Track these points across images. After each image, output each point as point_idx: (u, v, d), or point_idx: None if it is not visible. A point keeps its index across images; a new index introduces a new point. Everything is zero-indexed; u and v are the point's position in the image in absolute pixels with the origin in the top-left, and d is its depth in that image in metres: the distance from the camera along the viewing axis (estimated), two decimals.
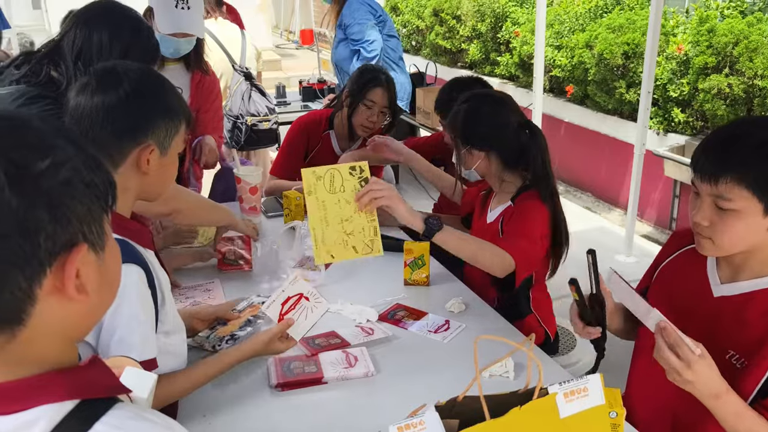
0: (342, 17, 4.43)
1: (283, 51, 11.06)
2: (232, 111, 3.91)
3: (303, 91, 5.24)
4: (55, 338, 0.77)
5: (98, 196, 0.76)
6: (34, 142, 0.72)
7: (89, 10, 2.01)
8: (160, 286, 1.41)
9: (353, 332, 1.89)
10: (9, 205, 0.67)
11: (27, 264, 0.70)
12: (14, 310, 0.72)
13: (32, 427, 0.72)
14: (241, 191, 2.62)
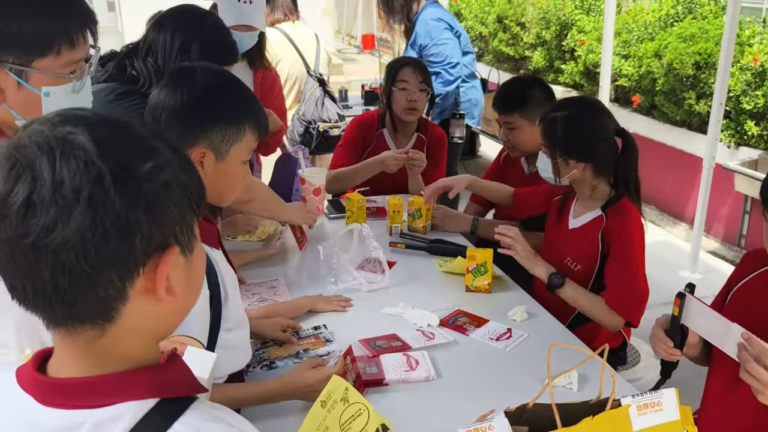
0: (416, 37, 4.13)
1: (344, 55, 11.16)
2: (305, 116, 3.94)
3: (365, 95, 5.28)
4: (142, 336, 0.79)
5: (191, 199, 0.78)
6: (137, 144, 0.74)
7: (164, 13, 2.14)
8: (224, 284, 1.44)
9: (414, 336, 1.89)
10: (113, 205, 0.69)
11: (123, 264, 0.72)
12: (106, 308, 0.74)
13: (117, 422, 0.74)
14: (305, 192, 2.65)
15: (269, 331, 1.86)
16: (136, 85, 2.01)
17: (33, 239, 0.69)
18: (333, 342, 1.88)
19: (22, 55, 1.15)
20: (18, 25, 1.13)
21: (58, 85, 1.20)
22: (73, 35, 1.19)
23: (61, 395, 0.76)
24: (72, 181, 0.68)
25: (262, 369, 1.76)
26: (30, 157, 0.70)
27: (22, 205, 0.69)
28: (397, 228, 2.60)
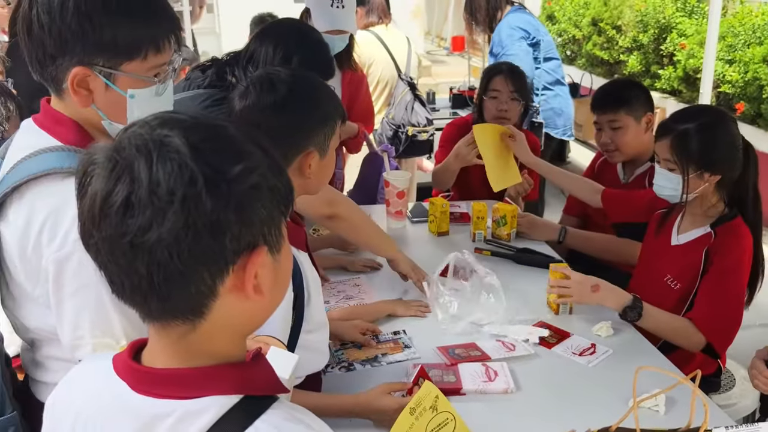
0: (492, 44, 4.10)
1: (433, 57, 11.14)
2: (395, 120, 3.96)
3: (453, 98, 5.24)
4: (229, 332, 0.82)
5: (279, 201, 0.79)
6: (229, 147, 0.77)
7: (269, 25, 2.24)
8: (308, 287, 1.46)
9: (494, 346, 1.86)
10: (204, 206, 0.72)
11: (213, 262, 0.74)
12: (198, 304, 0.77)
13: (202, 415, 0.77)
14: (389, 195, 2.66)
15: (349, 333, 1.88)
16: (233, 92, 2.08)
17: (131, 238, 0.72)
18: (411, 348, 1.87)
19: (111, 58, 1.19)
20: (111, 32, 1.17)
21: (143, 88, 1.23)
22: (159, 41, 1.23)
23: (153, 384, 0.79)
24: (167, 182, 0.71)
25: (340, 370, 1.77)
26: (129, 158, 0.73)
27: (121, 205, 0.72)
28: (480, 234, 2.57)
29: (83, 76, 1.18)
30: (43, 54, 1.18)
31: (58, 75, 1.19)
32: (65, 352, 1.22)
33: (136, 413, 0.79)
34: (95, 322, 1.16)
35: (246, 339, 0.86)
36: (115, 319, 1.17)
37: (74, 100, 1.20)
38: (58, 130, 1.22)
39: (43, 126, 1.23)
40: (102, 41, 1.16)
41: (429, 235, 2.65)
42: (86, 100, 1.20)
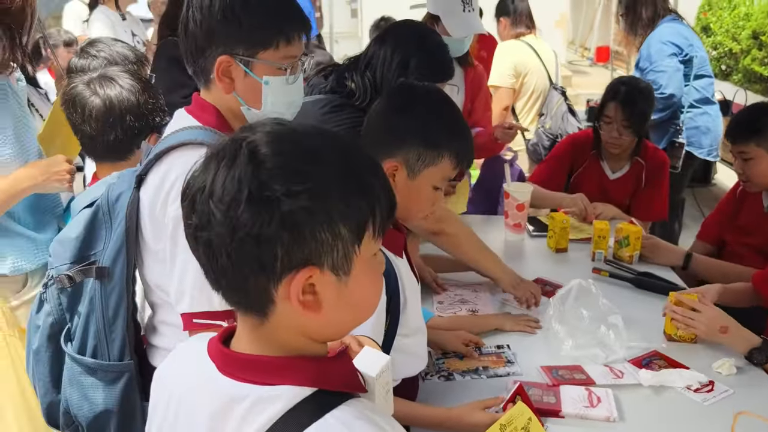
0: (639, 57, 3.84)
1: (575, 67, 10.81)
2: (552, 130, 3.89)
3: (589, 110, 5.07)
4: (296, 334, 0.84)
5: (347, 225, 0.79)
6: (293, 165, 0.79)
7: (387, 28, 2.23)
8: (404, 291, 1.48)
9: (601, 371, 1.78)
10: (243, 217, 0.76)
11: (261, 271, 0.78)
12: (259, 302, 0.81)
13: (274, 403, 0.80)
14: (508, 207, 2.62)
15: (451, 342, 1.88)
16: (353, 98, 2.10)
17: (192, 231, 0.80)
18: (514, 364, 1.84)
19: (249, 48, 1.37)
20: (249, 24, 1.35)
21: (276, 76, 1.40)
22: (289, 33, 1.39)
23: (235, 367, 0.84)
24: (223, 188, 0.77)
25: (439, 379, 1.77)
26: (210, 158, 0.80)
27: (191, 199, 0.80)
28: (600, 254, 2.47)
29: (227, 64, 1.37)
30: (195, 47, 1.38)
31: (207, 66, 1.38)
32: (174, 318, 1.35)
33: (218, 393, 0.84)
34: (196, 279, 1.28)
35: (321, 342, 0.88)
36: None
37: (219, 88, 1.39)
38: (202, 115, 1.41)
39: (191, 112, 1.43)
40: (241, 32, 1.35)
41: (547, 251, 2.59)
42: (229, 87, 1.38)
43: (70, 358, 1.45)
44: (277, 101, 1.41)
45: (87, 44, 2.37)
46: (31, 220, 1.86)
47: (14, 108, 1.82)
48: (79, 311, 1.43)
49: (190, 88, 2.41)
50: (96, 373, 1.43)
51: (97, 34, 4.12)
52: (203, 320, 1.27)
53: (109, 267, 1.40)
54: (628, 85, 2.82)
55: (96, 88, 1.77)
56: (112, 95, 1.76)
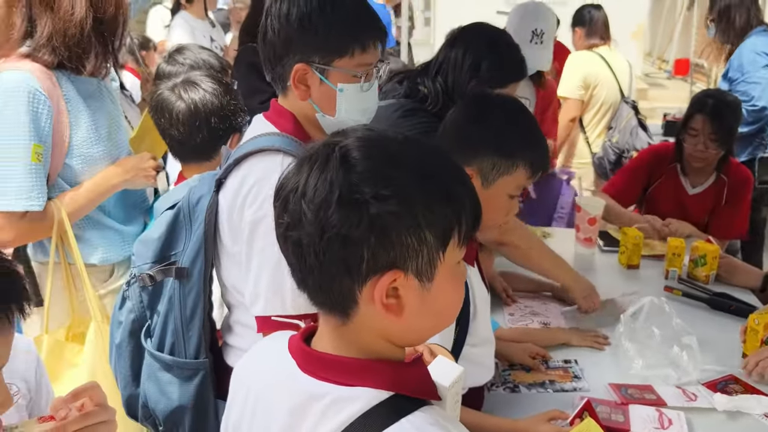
0: (729, 67, 3.66)
1: (651, 80, 10.53)
2: (619, 144, 3.82)
3: (666, 125, 4.93)
4: (376, 337, 0.86)
5: (432, 231, 0.81)
6: (381, 170, 0.81)
7: (457, 31, 2.20)
8: (474, 301, 1.49)
9: (673, 393, 1.74)
10: (333, 219, 0.79)
11: (347, 272, 0.81)
12: (343, 303, 0.83)
13: (352, 403, 0.82)
14: (579, 220, 2.58)
15: (518, 355, 1.87)
16: (425, 103, 2.11)
17: (283, 230, 0.83)
18: (581, 379, 1.81)
19: (325, 56, 1.39)
20: (325, 33, 1.38)
21: (350, 83, 1.42)
22: (365, 42, 1.41)
23: (316, 366, 0.87)
24: (315, 190, 0.80)
25: (505, 390, 1.77)
26: (303, 161, 0.84)
27: (283, 199, 0.83)
28: (674, 272, 2.40)
29: (303, 72, 1.39)
30: (273, 55, 1.42)
31: (284, 73, 1.41)
32: (249, 319, 1.39)
33: (297, 390, 0.87)
34: (270, 282, 1.33)
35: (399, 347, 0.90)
36: (287, 285, 1.31)
37: (295, 95, 1.42)
38: (279, 121, 1.45)
39: (269, 118, 1.47)
40: (317, 41, 1.38)
41: (618, 267, 2.54)
42: (305, 94, 1.42)
43: (149, 354, 1.52)
44: (351, 108, 1.43)
45: (174, 51, 2.48)
46: (119, 214, 1.96)
47: (109, 108, 1.94)
48: (159, 310, 1.50)
49: (267, 93, 2.49)
50: (173, 370, 1.49)
51: (177, 39, 4.29)
52: (281, 319, 1.30)
53: (188, 267, 1.46)
54: (716, 98, 2.74)
55: (180, 92, 1.86)
56: (197, 99, 1.85)
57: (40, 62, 1.76)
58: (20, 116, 1.70)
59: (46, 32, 1.75)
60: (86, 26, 1.76)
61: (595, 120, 4.05)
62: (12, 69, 1.74)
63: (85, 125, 1.83)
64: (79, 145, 1.82)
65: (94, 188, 1.85)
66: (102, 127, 1.88)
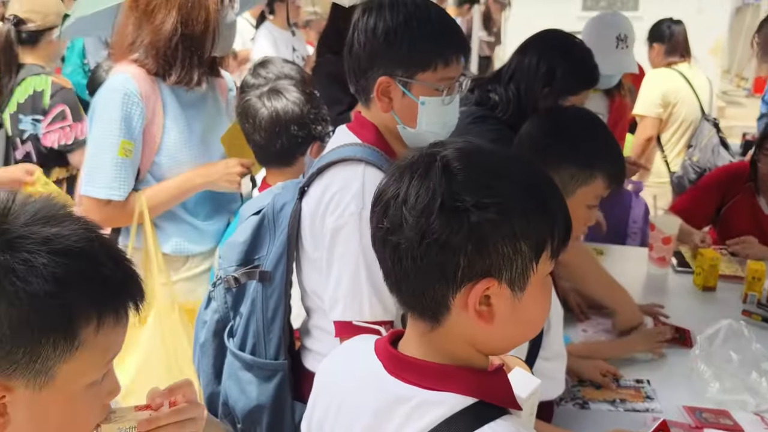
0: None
1: (729, 98, 10.21)
2: (700, 163, 3.73)
3: (744, 144, 4.76)
4: (464, 343, 0.89)
5: (527, 242, 0.84)
6: (480, 180, 0.85)
7: (530, 38, 2.20)
8: (548, 315, 1.49)
9: (751, 419, 1.69)
10: (435, 225, 0.82)
11: (442, 277, 0.84)
12: (435, 308, 0.87)
13: (437, 407, 0.86)
14: (653, 239, 2.54)
15: (588, 371, 1.85)
16: (495, 111, 2.11)
17: (382, 234, 0.86)
18: (654, 400, 1.79)
19: (408, 69, 1.43)
20: (409, 48, 1.41)
21: (432, 97, 1.45)
22: (448, 57, 1.44)
23: (402, 369, 0.90)
24: (416, 196, 0.83)
25: (574, 406, 1.76)
26: (404, 169, 0.87)
27: (384, 204, 0.87)
28: (753, 297, 2.33)
29: (386, 85, 1.43)
30: (358, 67, 1.46)
31: (368, 85, 1.45)
32: (327, 324, 1.44)
33: (383, 392, 0.91)
34: (349, 288, 1.37)
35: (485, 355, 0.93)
36: (365, 291, 1.36)
37: (378, 107, 1.46)
38: (362, 132, 1.49)
39: (352, 129, 1.52)
40: (401, 55, 1.42)
41: (693, 289, 2.48)
42: (387, 107, 1.46)
43: (231, 353, 1.59)
44: (432, 121, 1.46)
45: (258, 65, 2.59)
46: (201, 211, 2.07)
47: (209, 116, 2.08)
48: (241, 311, 1.57)
49: (344, 104, 2.56)
50: (253, 369, 1.55)
51: (260, 49, 4.46)
52: (359, 324, 1.34)
53: (270, 271, 1.52)
54: None
55: (265, 100, 1.96)
56: (279, 107, 1.94)
57: (144, 68, 1.91)
58: (114, 114, 1.87)
59: (145, 42, 1.91)
60: (174, 40, 1.89)
61: (675, 138, 3.96)
62: (119, 71, 1.92)
63: (177, 129, 1.97)
64: (169, 146, 1.96)
65: (176, 186, 1.99)
66: (195, 133, 2.01)
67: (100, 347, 0.82)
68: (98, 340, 0.81)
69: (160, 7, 1.88)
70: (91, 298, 0.79)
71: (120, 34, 1.98)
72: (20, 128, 2.76)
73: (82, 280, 0.78)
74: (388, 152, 1.48)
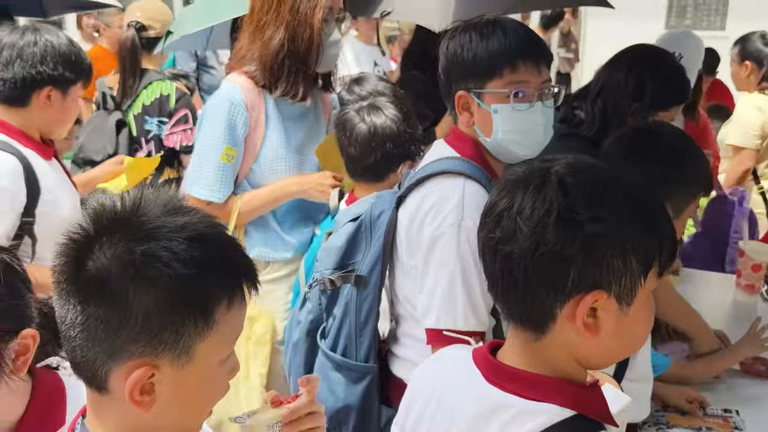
0: None
1: None
2: None
3: None
4: (566, 355, 0.91)
5: (637, 257, 0.86)
6: (593, 193, 0.87)
7: (619, 53, 2.15)
8: None
9: None
10: (553, 237, 0.84)
11: (552, 287, 0.86)
12: (541, 318, 0.89)
13: (536, 418, 0.88)
14: (742, 266, 2.47)
15: (674, 397, 1.82)
16: (580, 128, 2.09)
17: (494, 243, 0.89)
18: (742, 431, 1.74)
19: (478, 79, 1.45)
20: (473, 57, 1.44)
21: (503, 104, 1.45)
22: (514, 59, 1.44)
23: (502, 378, 0.93)
24: (531, 207, 0.86)
25: (658, 431, 1.73)
26: (517, 183, 0.90)
27: (497, 215, 0.90)
28: None
29: (464, 99, 1.47)
30: (444, 85, 1.52)
31: (452, 102, 1.50)
32: (417, 332, 1.48)
33: (482, 399, 0.93)
34: (444, 296, 1.40)
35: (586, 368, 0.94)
36: (460, 301, 1.39)
37: (462, 122, 1.50)
38: (459, 146, 1.53)
39: (450, 143, 1.56)
40: (468, 65, 1.45)
41: None
42: (469, 121, 1.49)
43: (323, 353, 1.64)
44: (507, 129, 1.45)
45: (353, 82, 2.66)
46: (287, 221, 2.14)
47: (311, 129, 2.15)
48: (335, 313, 1.62)
49: (429, 120, 2.59)
50: (343, 370, 1.60)
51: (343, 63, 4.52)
52: (452, 334, 1.37)
53: (365, 276, 1.57)
54: None
55: (364, 115, 2.00)
56: (377, 123, 1.97)
57: (253, 79, 2.01)
58: (220, 121, 1.98)
59: (256, 55, 2.01)
60: (281, 55, 1.98)
61: None
62: (229, 80, 2.03)
63: (277, 140, 2.06)
64: (267, 155, 2.05)
65: (271, 193, 2.07)
66: (292, 145, 2.09)
67: (229, 326, 0.85)
68: (228, 319, 0.84)
69: (269, 24, 1.97)
70: (222, 280, 0.84)
71: (237, 46, 2.10)
72: (146, 128, 2.94)
73: (214, 264, 0.83)
74: (485, 166, 1.51)
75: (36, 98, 1.92)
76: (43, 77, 1.90)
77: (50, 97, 1.93)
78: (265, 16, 1.97)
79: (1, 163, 1.88)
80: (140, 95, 2.92)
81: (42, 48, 1.89)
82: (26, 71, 1.88)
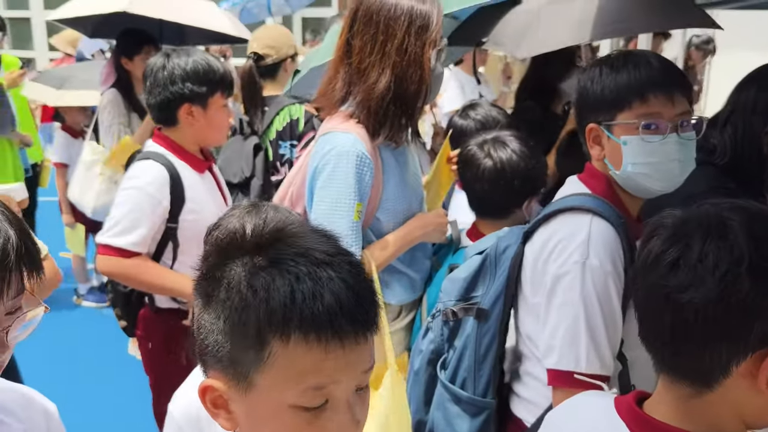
0: None
1: None
2: None
3: None
4: (732, 414, 0.86)
5: None
6: None
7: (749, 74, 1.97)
8: None
9: None
10: (742, 285, 0.80)
11: (734, 341, 0.81)
12: (707, 375, 0.84)
13: None
14: None
15: None
16: (713, 156, 1.92)
17: (667, 291, 0.85)
18: None
19: (608, 112, 1.43)
20: (600, 89, 1.43)
21: (632, 136, 1.41)
22: (643, 92, 1.40)
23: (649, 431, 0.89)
24: (715, 256, 0.82)
25: None
26: (690, 229, 0.86)
27: (669, 263, 0.86)
28: None
29: (595, 132, 1.47)
30: (579, 117, 1.52)
31: (584, 136, 1.49)
32: (539, 372, 1.45)
33: None
34: (567, 336, 1.37)
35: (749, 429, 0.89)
36: (583, 342, 1.35)
37: (593, 156, 1.49)
38: (591, 182, 1.51)
39: (582, 179, 1.54)
40: (599, 99, 1.44)
41: None
42: (599, 154, 1.48)
43: (442, 384, 1.64)
44: (637, 161, 1.41)
45: (467, 107, 2.68)
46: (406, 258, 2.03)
47: (412, 164, 2.03)
48: (456, 345, 1.62)
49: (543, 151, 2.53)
50: (461, 403, 1.59)
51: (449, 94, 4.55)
52: (579, 376, 1.34)
53: (487, 309, 1.56)
54: None
55: (489, 150, 1.97)
56: (504, 158, 1.94)
57: (363, 125, 1.85)
58: (349, 177, 1.80)
59: (358, 99, 1.85)
60: (386, 99, 1.82)
61: None
62: (344, 131, 1.85)
63: (394, 184, 1.93)
64: (386, 201, 1.93)
65: (399, 241, 1.94)
66: (406, 184, 1.97)
67: (292, 365, 0.77)
68: (288, 355, 0.76)
69: (373, 66, 1.81)
70: (284, 313, 0.76)
71: (327, 86, 1.93)
72: (280, 153, 3.04)
73: (284, 296, 0.76)
74: (617, 203, 1.47)
75: (180, 116, 2.11)
76: (176, 96, 2.09)
77: (192, 113, 2.11)
78: (368, 57, 1.81)
79: (151, 172, 2.08)
80: (273, 122, 3.03)
81: (170, 71, 2.09)
82: (162, 95, 2.10)
